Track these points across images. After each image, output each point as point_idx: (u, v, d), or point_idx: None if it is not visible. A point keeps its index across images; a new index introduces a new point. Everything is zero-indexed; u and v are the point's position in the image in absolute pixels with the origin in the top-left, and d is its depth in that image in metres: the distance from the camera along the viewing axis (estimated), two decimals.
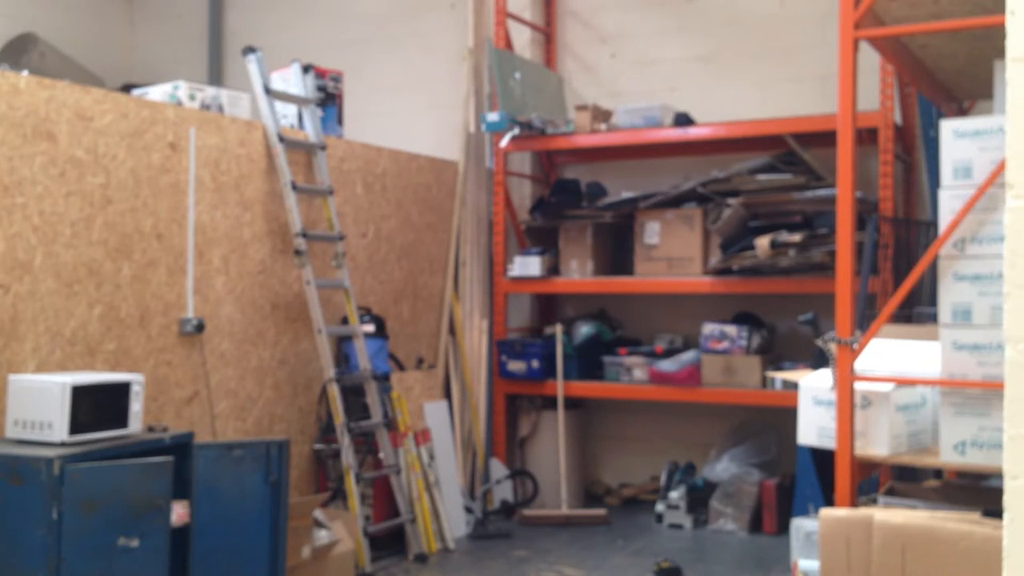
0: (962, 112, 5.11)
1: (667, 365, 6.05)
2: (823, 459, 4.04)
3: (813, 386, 3.85)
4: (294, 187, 5.09)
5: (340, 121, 5.81)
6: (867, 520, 3.24)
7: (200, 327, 4.69)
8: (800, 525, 3.78)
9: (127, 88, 5.12)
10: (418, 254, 6.24)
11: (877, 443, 3.60)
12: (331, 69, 5.78)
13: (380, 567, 5.08)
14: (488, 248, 6.61)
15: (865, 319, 4.50)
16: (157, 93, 4.87)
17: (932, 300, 4.17)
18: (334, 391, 5.06)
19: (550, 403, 6.39)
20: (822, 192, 5.57)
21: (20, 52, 7.18)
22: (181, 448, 3.92)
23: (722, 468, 6.03)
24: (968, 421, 3.40)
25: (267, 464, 4.09)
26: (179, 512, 3.81)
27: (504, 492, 6.31)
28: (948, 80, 4.61)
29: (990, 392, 3.32)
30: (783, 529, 5.59)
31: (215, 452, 4.00)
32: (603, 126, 6.33)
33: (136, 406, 3.87)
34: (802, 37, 6.28)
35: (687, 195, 6.06)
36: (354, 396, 5.28)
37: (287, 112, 5.48)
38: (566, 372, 6.29)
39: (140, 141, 4.45)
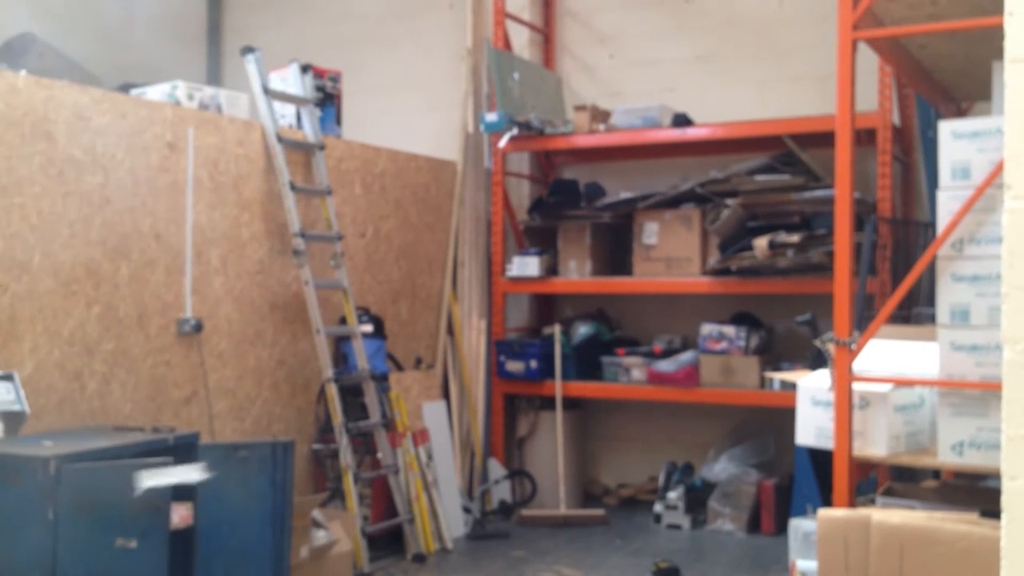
0: (960, 113, 5.11)
1: (665, 365, 6.05)
2: (821, 459, 4.04)
3: (811, 386, 3.85)
4: (292, 187, 5.09)
5: (338, 121, 5.81)
6: (865, 520, 3.24)
7: (198, 327, 4.69)
8: (798, 525, 3.78)
9: (125, 88, 5.11)
10: (416, 254, 6.24)
11: (875, 443, 3.60)
12: (329, 69, 5.78)
13: (378, 567, 5.08)
14: (486, 248, 6.60)
15: (863, 320, 4.50)
16: (155, 93, 4.87)
17: (930, 301, 4.17)
18: (332, 391, 5.06)
19: (548, 403, 6.39)
20: (820, 193, 5.57)
21: (19, 51, 7.17)
22: (185, 449, 3.88)
23: (720, 468, 6.03)
24: (966, 422, 3.40)
25: (272, 465, 4.07)
26: (182, 513, 3.77)
27: (502, 492, 6.31)
28: (946, 81, 4.61)
29: (988, 393, 3.32)
30: (781, 529, 5.59)
31: (220, 453, 3.98)
32: (602, 126, 6.33)
33: None
34: (801, 38, 6.28)
35: (685, 195, 6.06)
36: (352, 396, 5.28)
37: (285, 112, 5.48)
38: (564, 372, 6.29)
39: (138, 141, 4.45)
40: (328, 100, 5.70)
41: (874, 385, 3.61)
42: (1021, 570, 1.85)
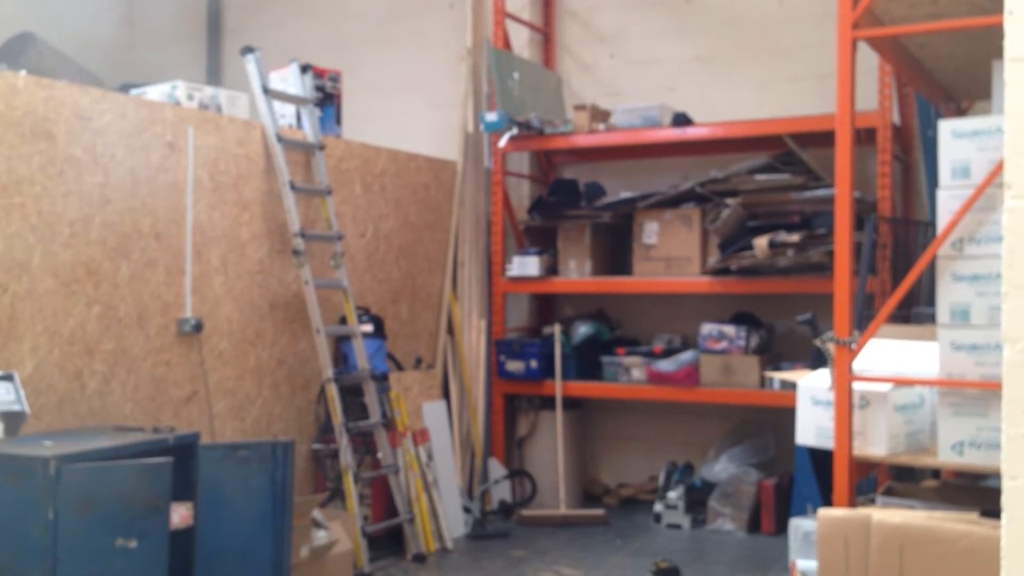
0: (960, 112, 5.11)
1: (665, 365, 6.05)
2: (821, 459, 4.04)
3: (811, 386, 3.85)
4: (292, 187, 5.09)
5: (338, 121, 5.80)
6: (865, 520, 3.24)
7: (198, 327, 4.69)
8: (798, 525, 3.78)
9: (125, 88, 5.11)
10: (416, 254, 6.24)
11: (875, 443, 3.60)
12: (329, 69, 5.78)
13: (378, 567, 5.08)
14: (486, 248, 6.60)
15: (863, 319, 4.50)
16: (155, 93, 4.87)
17: (930, 300, 4.16)
18: (332, 391, 5.06)
19: (548, 403, 6.38)
20: (820, 192, 5.57)
21: (18, 51, 7.17)
22: (186, 448, 3.86)
23: (720, 468, 6.03)
24: (966, 421, 3.40)
25: (272, 465, 4.07)
26: (182, 514, 3.76)
27: (502, 492, 6.31)
28: (946, 80, 4.61)
29: (988, 392, 3.32)
30: (781, 529, 5.59)
31: (220, 453, 3.97)
32: (601, 126, 6.33)
33: None
34: (801, 37, 6.28)
35: (685, 195, 6.06)
36: (352, 396, 5.28)
37: (285, 112, 5.48)
38: (564, 372, 6.29)
39: (138, 141, 4.45)
40: (328, 100, 5.70)
41: (874, 385, 3.61)
42: (1021, 570, 1.85)
